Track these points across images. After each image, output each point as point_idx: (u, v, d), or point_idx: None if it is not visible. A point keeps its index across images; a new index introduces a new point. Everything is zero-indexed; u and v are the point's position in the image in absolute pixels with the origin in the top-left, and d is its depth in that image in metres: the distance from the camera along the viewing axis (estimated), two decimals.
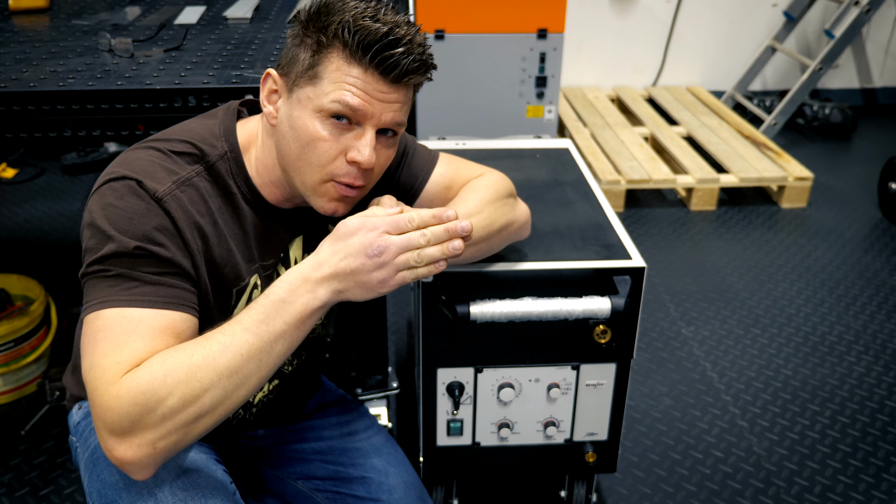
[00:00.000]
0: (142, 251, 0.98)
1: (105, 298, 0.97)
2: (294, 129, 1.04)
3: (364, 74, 1.01)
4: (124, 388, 0.90)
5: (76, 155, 3.37)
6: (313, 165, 1.05)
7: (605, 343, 1.40)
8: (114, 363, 0.92)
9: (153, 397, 0.89)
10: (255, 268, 1.14)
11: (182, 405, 0.90)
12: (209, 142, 1.10)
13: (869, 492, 1.87)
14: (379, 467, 1.36)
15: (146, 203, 1.00)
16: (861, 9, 3.64)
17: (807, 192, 3.23)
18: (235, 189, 1.10)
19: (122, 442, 0.90)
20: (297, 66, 1.04)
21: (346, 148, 1.04)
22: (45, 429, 1.99)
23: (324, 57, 1.02)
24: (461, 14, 3.01)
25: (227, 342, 0.94)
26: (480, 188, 1.24)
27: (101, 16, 2.08)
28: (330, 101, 1.01)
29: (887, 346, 2.38)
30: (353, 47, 1.00)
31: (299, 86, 1.04)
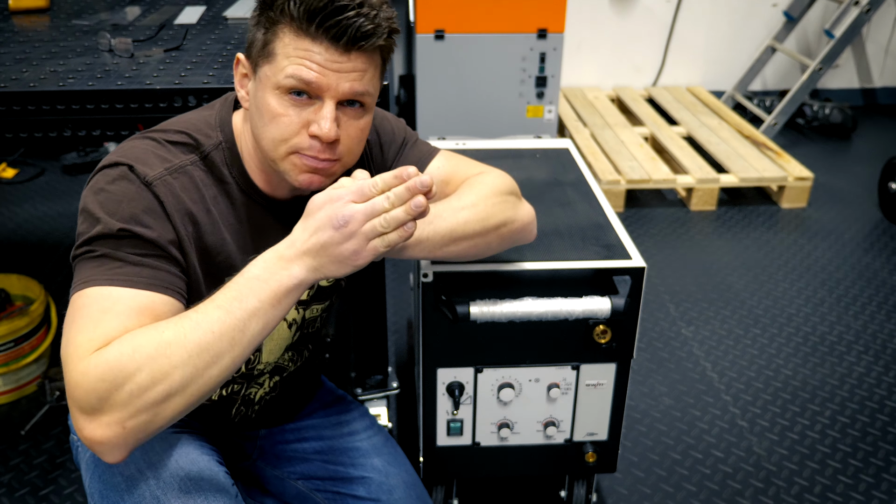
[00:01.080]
0: (126, 232, 0.98)
1: (88, 278, 0.97)
2: (258, 108, 1.04)
3: (314, 45, 0.99)
4: (92, 364, 0.88)
5: (76, 155, 3.37)
6: (277, 141, 1.03)
7: (605, 343, 1.40)
8: (86, 340, 0.91)
9: (120, 373, 0.87)
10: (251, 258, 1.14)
11: (150, 382, 0.87)
12: (205, 132, 1.10)
13: (869, 492, 1.87)
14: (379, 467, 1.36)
15: (136, 186, 1.01)
16: (861, 9, 3.64)
17: (807, 192, 3.23)
18: (230, 178, 1.11)
19: (91, 420, 0.88)
20: (255, 47, 1.04)
21: (307, 122, 1.02)
22: (45, 429, 1.99)
23: (275, 33, 1.01)
24: (461, 14, 3.01)
25: (198, 319, 0.91)
26: (478, 184, 1.21)
27: (101, 16, 2.08)
28: (284, 77, 1.00)
29: (887, 346, 2.38)
30: (299, 18, 0.98)
31: (259, 65, 1.04)
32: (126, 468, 1.09)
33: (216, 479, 1.11)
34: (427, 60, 3.08)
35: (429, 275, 1.33)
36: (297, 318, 1.28)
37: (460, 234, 1.14)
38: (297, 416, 1.43)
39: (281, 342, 1.27)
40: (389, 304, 2.42)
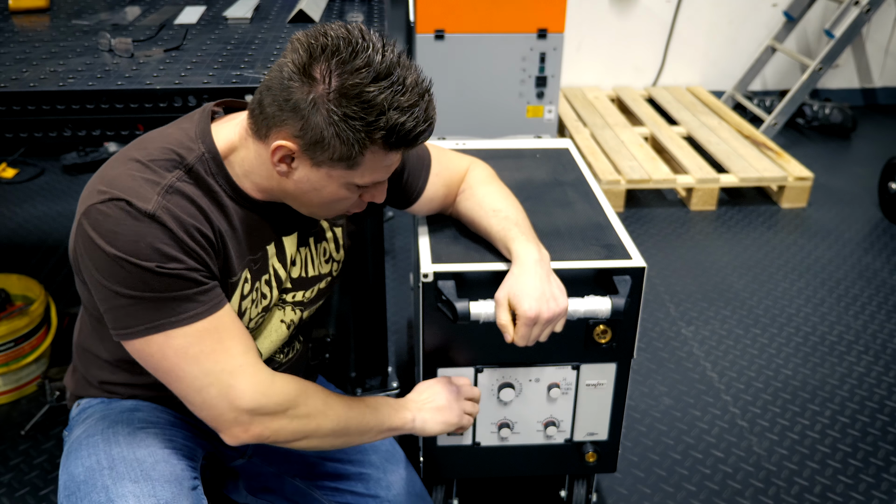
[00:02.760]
0: (162, 271, 1.01)
1: (159, 321, 1.04)
2: (318, 190, 1.10)
3: (398, 156, 1.09)
4: (279, 386, 1.11)
5: (76, 155, 3.37)
6: (332, 212, 1.17)
7: (605, 343, 1.40)
8: (239, 364, 1.08)
9: (301, 402, 1.13)
10: (246, 262, 1.16)
11: (309, 420, 1.14)
12: (186, 145, 1.10)
13: (869, 492, 1.87)
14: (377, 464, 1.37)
15: (140, 222, 1.01)
16: (861, 9, 3.64)
17: (807, 192, 3.24)
18: (217, 187, 1.11)
19: (259, 421, 1.09)
20: (328, 152, 1.03)
21: (361, 194, 1.14)
22: (45, 429, 1.99)
23: (365, 148, 1.04)
24: (461, 14, 3.01)
25: (352, 404, 1.21)
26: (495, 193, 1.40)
27: (101, 16, 2.08)
28: (364, 181, 1.09)
29: (887, 346, 2.38)
30: (394, 143, 1.04)
31: (331, 166, 1.06)
32: (88, 459, 1.13)
33: (170, 469, 1.13)
34: (427, 60, 3.08)
35: (429, 275, 1.33)
36: (294, 319, 1.28)
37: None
38: None
39: (278, 341, 1.28)
40: (389, 304, 2.42)
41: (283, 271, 1.22)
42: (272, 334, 1.26)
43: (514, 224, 1.32)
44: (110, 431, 1.16)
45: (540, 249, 1.28)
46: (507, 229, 1.31)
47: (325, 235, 1.28)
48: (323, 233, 1.28)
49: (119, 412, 1.21)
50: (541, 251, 1.28)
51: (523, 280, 1.23)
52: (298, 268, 1.25)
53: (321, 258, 1.28)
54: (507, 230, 1.31)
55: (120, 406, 1.23)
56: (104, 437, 1.15)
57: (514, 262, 1.27)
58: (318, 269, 1.28)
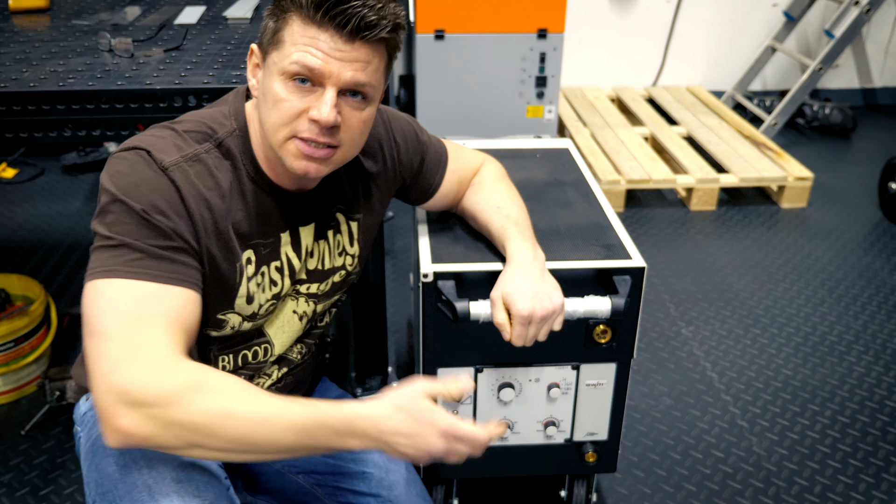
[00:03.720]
0: (147, 216, 1.01)
1: (111, 266, 0.99)
2: (264, 94, 1.08)
3: (319, 32, 1.02)
4: (171, 372, 0.94)
5: (76, 155, 3.37)
6: (277, 125, 1.06)
7: (605, 343, 1.40)
8: (149, 341, 0.96)
9: (190, 400, 0.93)
10: (251, 244, 1.16)
11: (198, 428, 0.94)
12: (219, 121, 1.14)
13: (869, 492, 1.87)
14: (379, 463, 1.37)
15: (152, 171, 1.04)
16: (861, 9, 3.64)
17: (807, 192, 3.24)
18: (241, 166, 1.13)
19: (131, 410, 0.92)
20: (266, 35, 1.07)
21: (307, 107, 1.05)
22: (45, 429, 1.99)
23: (285, 21, 1.04)
24: (461, 14, 3.01)
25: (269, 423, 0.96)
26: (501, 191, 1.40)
27: (101, 16, 2.08)
28: (289, 63, 1.03)
29: (887, 346, 2.38)
30: (307, 7, 1.01)
31: (269, 53, 1.07)
32: (121, 458, 1.11)
33: (209, 470, 1.12)
34: (427, 60, 3.08)
35: (429, 275, 1.33)
36: (307, 311, 1.29)
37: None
38: None
39: (292, 334, 1.28)
40: (389, 304, 2.42)
41: (298, 261, 1.22)
42: (285, 325, 1.26)
43: (513, 223, 1.33)
44: None
45: (535, 249, 1.29)
46: (505, 227, 1.33)
47: (340, 228, 1.29)
48: (338, 225, 1.29)
49: None
50: (535, 251, 1.29)
51: (516, 279, 1.24)
52: (316, 259, 1.26)
53: (336, 251, 1.29)
54: (505, 228, 1.33)
55: None
56: None
57: (509, 262, 1.29)
58: (332, 262, 1.29)
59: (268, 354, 1.26)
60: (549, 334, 1.25)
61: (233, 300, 1.15)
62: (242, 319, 1.18)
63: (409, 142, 1.35)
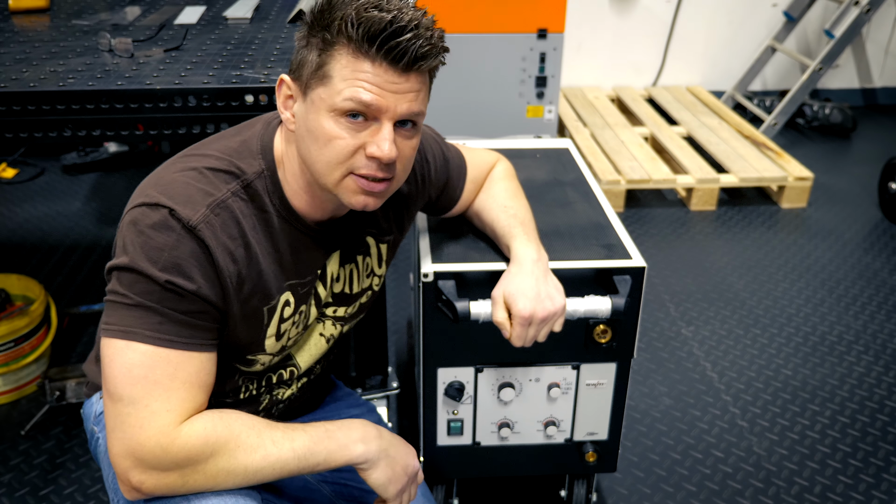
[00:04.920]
0: (171, 286, 0.98)
1: (131, 329, 0.99)
2: (311, 131, 1.03)
3: (373, 67, 0.98)
4: (183, 435, 0.99)
5: (76, 155, 3.37)
6: (333, 164, 1.03)
7: (605, 343, 1.40)
8: (163, 409, 0.99)
9: (201, 455, 1.00)
10: (287, 286, 1.13)
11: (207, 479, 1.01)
12: (247, 159, 1.08)
13: (869, 492, 1.87)
14: None
15: (177, 235, 0.99)
16: (861, 9, 3.64)
17: (807, 192, 3.23)
18: (271, 208, 1.09)
19: (146, 473, 0.99)
20: (307, 68, 1.02)
21: (364, 143, 1.02)
22: (45, 429, 1.99)
23: (331, 55, 0.99)
24: (461, 14, 3.01)
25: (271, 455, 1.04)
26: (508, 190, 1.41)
27: (101, 16, 2.08)
28: (343, 100, 0.99)
29: (887, 346, 2.38)
30: (358, 41, 0.97)
31: (311, 88, 1.02)
32: None
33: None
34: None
35: (429, 275, 1.33)
36: (334, 334, 1.28)
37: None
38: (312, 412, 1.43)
39: (317, 354, 1.28)
40: (389, 304, 2.42)
41: (324, 290, 1.21)
42: (312, 349, 1.25)
43: (519, 223, 1.32)
44: None
45: (539, 250, 1.28)
46: (511, 226, 1.32)
47: (370, 251, 1.27)
48: (368, 248, 1.26)
49: None
50: (539, 251, 1.28)
51: (519, 279, 1.23)
52: (342, 284, 1.24)
53: (364, 273, 1.28)
54: (511, 227, 1.32)
55: None
56: None
57: (512, 261, 1.28)
58: (360, 285, 1.28)
59: (293, 376, 1.26)
60: (548, 335, 1.25)
61: (262, 341, 1.13)
62: (272, 356, 1.17)
63: (438, 161, 1.33)
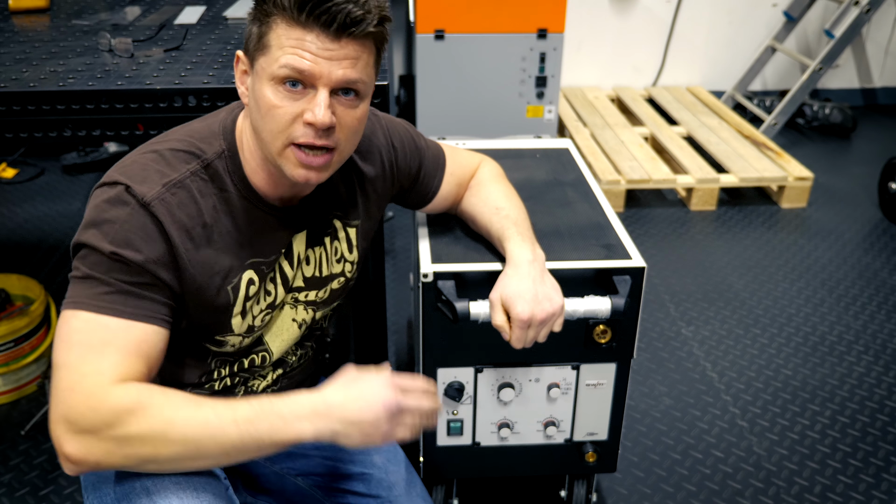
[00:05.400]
0: (116, 257, 1.00)
1: (79, 299, 1.00)
2: (256, 101, 1.06)
3: (305, 33, 1.00)
4: (112, 395, 0.96)
5: (76, 155, 3.37)
6: (273, 132, 1.05)
7: (605, 343, 1.40)
8: (94, 371, 0.97)
9: (130, 417, 0.96)
10: (249, 264, 1.14)
11: (147, 439, 0.97)
12: (208, 140, 1.11)
13: (869, 492, 1.87)
14: (379, 464, 1.36)
15: (130, 209, 1.02)
16: (861, 9, 3.64)
17: (807, 192, 3.23)
18: (231, 187, 1.11)
19: (75, 437, 0.96)
20: (252, 41, 1.06)
21: (301, 111, 1.03)
22: (45, 429, 1.99)
23: (268, 25, 1.02)
24: (461, 14, 3.01)
25: (212, 418, 0.98)
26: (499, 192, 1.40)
27: (101, 16, 2.08)
28: (278, 68, 1.01)
29: (887, 346, 2.38)
30: (290, 8, 0.99)
31: (256, 59, 1.05)
32: None
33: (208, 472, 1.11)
34: (427, 60, 3.08)
35: (429, 275, 1.33)
36: (306, 319, 1.28)
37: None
38: None
39: (290, 340, 1.28)
40: (389, 304, 2.42)
41: (291, 269, 1.22)
42: (283, 333, 1.26)
43: (512, 223, 1.32)
44: None
45: (535, 250, 1.28)
46: (505, 228, 1.32)
47: (338, 235, 1.28)
48: (336, 232, 1.28)
49: None
50: (535, 252, 1.28)
51: (516, 281, 1.23)
52: (312, 267, 1.25)
53: (333, 258, 1.29)
54: (505, 229, 1.32)
55: None
56: None
57: (508, 263, 1.28)
58: (330, 269, 1.28)
59: (266, 361, 1.26)
60: (549, 335, 1.25)
61: (228, 321, 1.14)
62: (242, 338, 1.18)
63: (408, 147, 1.34)
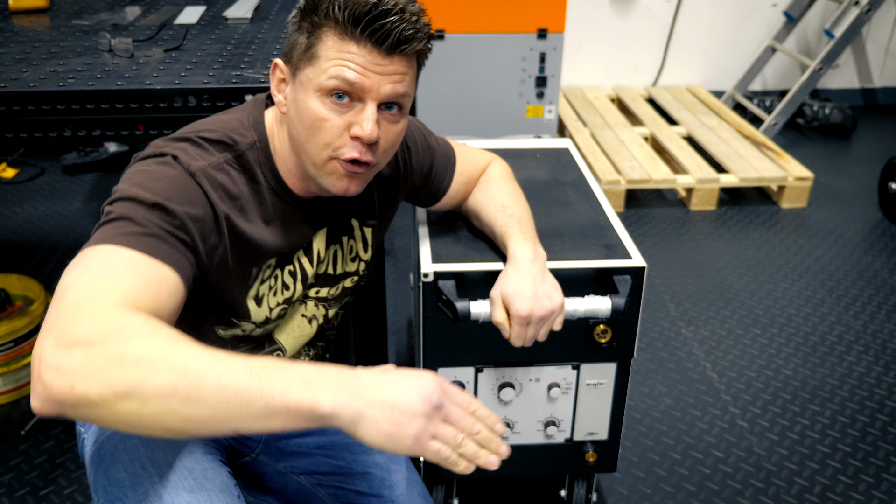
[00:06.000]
0: (159, 207, 0.96)
1: (105, 236, 0.92)
2: (299, 111, 1.06)
3: (358, 48, 1.01)
4: (118, 315, 0.84)
5: (76, 155, 3.37)
6: (319, 145, 1.05)
7: (605, 343, 1.40)
8: (107, 290, 0.86)
9: (130, 338, 0.82)
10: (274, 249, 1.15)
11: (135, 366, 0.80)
12: (239, 132, 1.12)
13: (869, 492, 1.87)
14: (381, 463, 1.37)
15: (178, 172, 1.01)
16: (861, 9, 3.64)
17: (807, 192, 3.24)
18: (262, 179, 1.12)
19: (65, 352, 0.80)
20: (297, 50, 1.06)
21: (349, 124, 1.04)
22: (45, 429, 1.99)
23: (318, 37, 1.03)
24: (461, 14, 3.01)
25: (220, 360, 0.82)
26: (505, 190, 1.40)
27: (101, 16, 2.08)
28: (327, 79, 1.02)
29: (887, 346, 2.38)
30: (343, 22, 1.00)
31: (300, 69, 1.05)
32: (131, 465, 1.10)
33: (220, 478, 1.11)
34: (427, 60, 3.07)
35: (429, 275, 1.33)
36: (317, 315, 1.29)
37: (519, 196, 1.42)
38: None
39: (303, 338, 1.28)
40: (389, 304, 2.42)
41: (311, 267, 1.22)
42: (294, 330, 1.26)
43: (516, 222, 1.33)
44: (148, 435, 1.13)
45: (536, 249, 1.29)
46: (508, 225, 1.33)
47: (355, 234, 1.29)
48: (352, 231, 1.29)
49: None
50: (536, 250, 1.28)
51: (516, 279, 1.24)
52: (326, 264, 1.26)
53: (348, 256, 1.29)
54: (508, 226, 1.33)
55: None
56: (143, 440, 1.12)
57: (509, 261, 1.29)
58: (344, 267, 1.29)
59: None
60: (548, 334, 1.25)
61: (245, 303, 1.14)
62: (255, 326, 1.18)
63: (420, 146, 1.35)
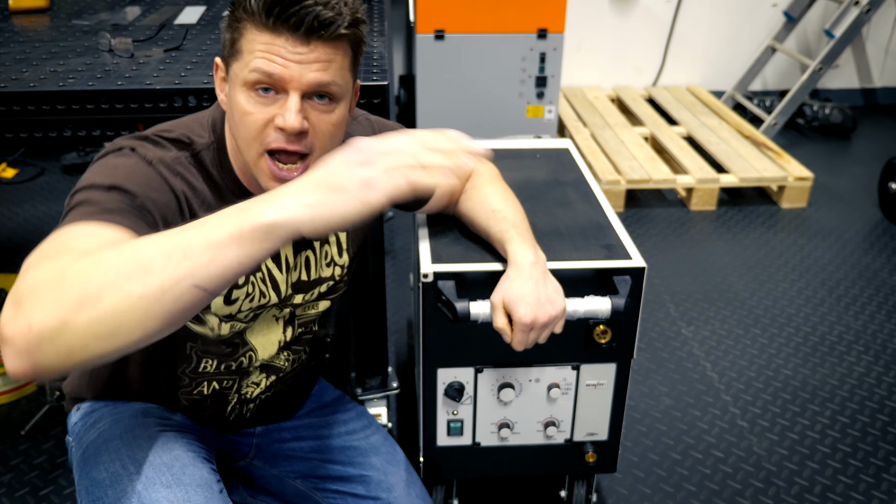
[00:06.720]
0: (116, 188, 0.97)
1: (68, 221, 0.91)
2: (231, 108, 1.06)
3: (274, 38, 0.99)
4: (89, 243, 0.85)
5: (76, 155, 3.37)
6: (248, 140, 1.04)
7: (605, 343, 1.40)
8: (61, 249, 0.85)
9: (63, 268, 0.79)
10: None
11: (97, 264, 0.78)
12: (197, 132, 1.12)
13: (869, 492, 1.87)
14: (378, 466, 1.37)
15: (136, 160, 1.03)
16: (861, 9, 3.64)
17: (807, 192, 3.23)
18: (218, 179, 1.12)
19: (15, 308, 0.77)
20: (226, 48, 1.06)
21: (273, 117, 1.02)
22: (45, 429, 1.99)
23: (240, 31, 1.02)
24: (461, 14, 3.01)
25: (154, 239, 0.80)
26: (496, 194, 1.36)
27: (101, 16, 2.08)
28: (249, 72, 1.01)
29: (887, 346, 2.38)
30: (259, 13, 0.98)
31: (230, 65, 1.05)
32: (111, 464, 1.11)
33: (199, 473, 1.11)
34: (427, 60, 3.08)
35: (429, 275, 1.33)
36: (286, 315, 1.28)
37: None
38: (294, 415, 1.43)
39: (275, 340, 1.28)
40: (389, 304, 2.42)
41: (280, 273, 1.21)
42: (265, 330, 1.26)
43: (511, 225, 1.31)
44: (129, 435, 1.14)
45: (536, 252, 1.28)
46: (504, 230, 1.31)
47: (328, 238, 1.28)
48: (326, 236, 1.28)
49: (132, 415, 1.19)
50: (537, 253, 1.27)
51: (518, 283, 1.22)
52: (298, 271, 1.25)
53: (322, 261, 1.28)
54: (504, 231, 1.31)
55: (130, 409, 1.22)
56: (124, 441, 1.13)
57: (510, 265, 1.27)
58: (318, 273, 1.28)
59: (252, 361, 1.26)
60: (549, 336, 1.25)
61: None
62: (220, 320, 1.17)
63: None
